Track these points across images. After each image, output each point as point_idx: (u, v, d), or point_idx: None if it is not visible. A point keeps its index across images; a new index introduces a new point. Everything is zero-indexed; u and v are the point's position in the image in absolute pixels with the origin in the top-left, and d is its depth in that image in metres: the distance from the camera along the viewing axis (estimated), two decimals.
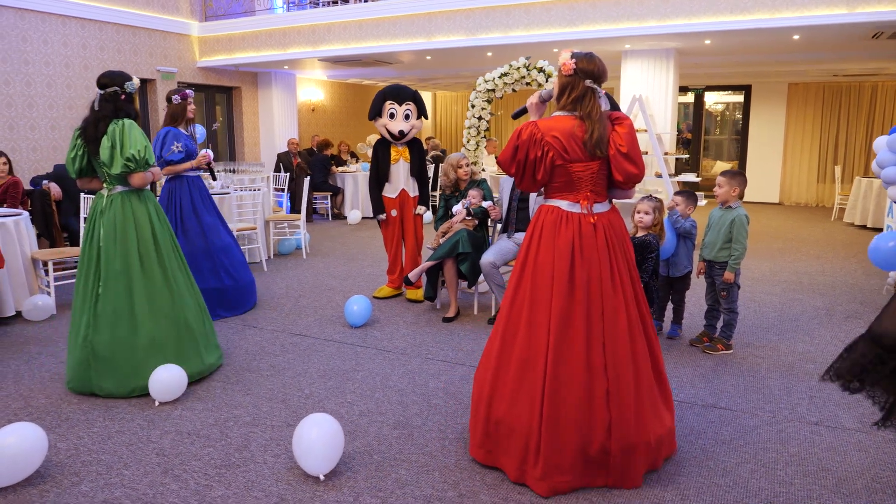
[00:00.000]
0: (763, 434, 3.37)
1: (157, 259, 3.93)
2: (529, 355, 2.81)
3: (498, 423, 2.87)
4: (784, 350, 4.69)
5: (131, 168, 3.79)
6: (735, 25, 7.70)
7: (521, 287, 2.90)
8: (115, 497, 2.77)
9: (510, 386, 2.85)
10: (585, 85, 2.78)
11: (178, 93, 5.32)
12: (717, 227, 4.56)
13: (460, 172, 5.63)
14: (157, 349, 3.86)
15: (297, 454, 2.90)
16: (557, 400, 2.73)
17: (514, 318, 2.89)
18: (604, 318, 2.78)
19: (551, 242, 2.82)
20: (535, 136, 2.79)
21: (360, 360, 4.45)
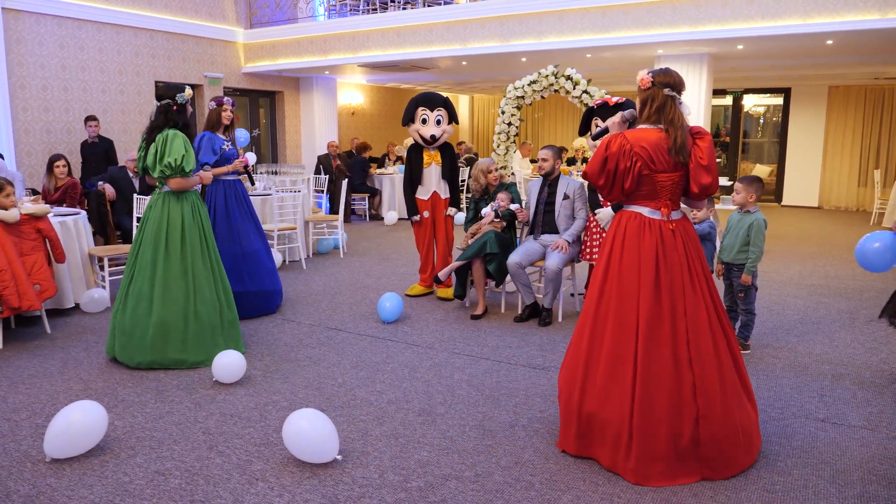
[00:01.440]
0: (769, 428, 3.53)
1: (180, 253, 4.39)
2: (619, 352, 2.99)
3: (591, 417, 3.06)
4: (801, 351, 4.81)
5: (167, 174, 4.32)
6: (768, 31, 7.78)
7: (606, 288, 3.09)
8: (166, 468, 3.09)
9: (601, 381, 3.03)
10: (665, 94, 2.98)
11: (215, 99, 5.66)
12: (736, 231, 4.71)
13: (490, 178, 5.87)
14: (165, 332, 4.33)
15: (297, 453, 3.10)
16: (649, 393, 2.92)
17: (602, 318, 3.08)
18: (686, 317, 2.98)
19: (636, 247, 3.02)
20: (624, 148, 2.97)
21: (390, 353, 4.72)
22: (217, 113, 5.63)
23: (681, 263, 3.02)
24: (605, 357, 3.03)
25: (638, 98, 3.10)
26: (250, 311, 5.58)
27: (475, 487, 2.93)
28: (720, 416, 2.96)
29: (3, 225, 4.78)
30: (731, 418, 2.99)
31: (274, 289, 5.74)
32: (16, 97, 8.63)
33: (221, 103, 5.63)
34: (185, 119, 4.45)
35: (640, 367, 2.94)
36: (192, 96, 4.53)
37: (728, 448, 2.98)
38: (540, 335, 5.15)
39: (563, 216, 5.48)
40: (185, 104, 4.44)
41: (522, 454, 3.23)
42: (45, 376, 4.26)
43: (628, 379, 2.96)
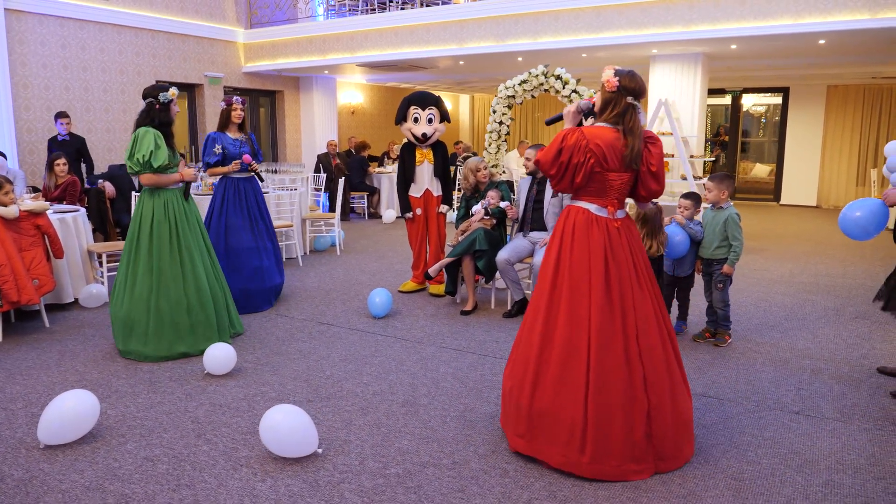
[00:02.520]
0: (743, 420, 3.63)
1: (147, 250, 4.52)
2: (572, 348, 3.00)
3: (541, 414, 3.05)
4: (784, 346, 4.90)
5: (135, 170, 4.46)
6: (760, 31, 7.85)
7: (557, 282, 3.11)
8: (154, 455, 3.20)
9: (553, 377, 3.03)
10: (627, 102, 3.04)
11: (225, 99, 5.80)
12: (712, 227, 4.81)
13: (479, 176, 5.97)
14: (130, 326, 4.50)
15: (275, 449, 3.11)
16: (603, 388, 2.94)
17: (553, 313, 3.09)
18: (635, 311, 3.05)
19: (585, 241, 3.07)
20: (580, 143, 3.01)
21: (379, 346, 4.83)
22: (227, 112, 5.77)
23: (626, 260, 3.07)
24: (558, 352, 3.03)
25: (600, 96, 3.14)
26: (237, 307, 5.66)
27: (451, 474, 3.03)
28: (669, 408, 3.04)
29: (3, 221, 4.91)
30: (678, 410, 3.09)
31: (260, 286, 5.75)
32: (18, 96, 8.77)
33: (231, 103, 5.76)
34: (166, 118, 4.54)
35: (594, 361, 2.96)
36: (175, 96, 4.55)
37: (678, 440, 3.07)
38: None
39: (552, 214, 5.57)
40: (167, 103, 4.52)
41: (500, 443, 3.32)
42: (43, 368, 4.38)
43: (581, 374, 2.97)
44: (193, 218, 4.76)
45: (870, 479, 3.01)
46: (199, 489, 2.90)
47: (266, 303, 5.82)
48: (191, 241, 4.67)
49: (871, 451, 3.28)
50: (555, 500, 2.82)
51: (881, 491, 2.91)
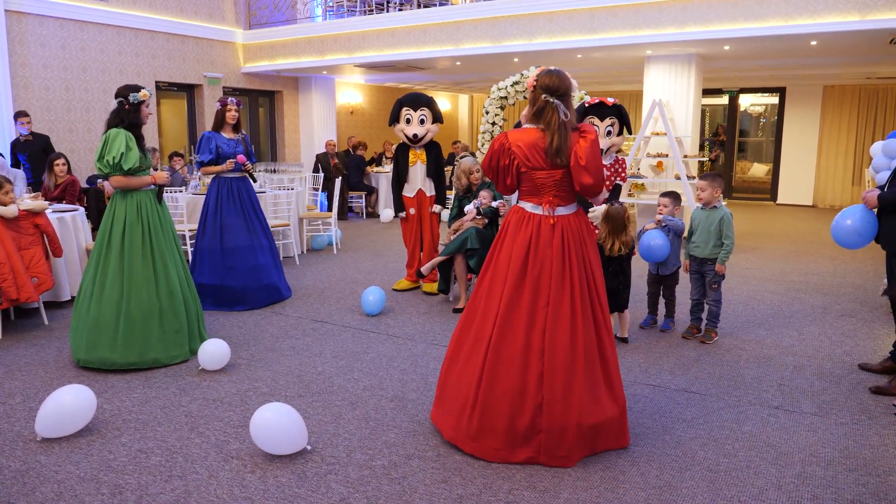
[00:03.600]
0: (723, 415, 3.72)
1: (118, 253, 4.39)
2: (480, 335, 3.21)
3: (446, 390, 3.36)
4: (769, 343, 4.99)
5: (105, 171, 4.41)
6: (752, 32, 7.93)
7: (484, 278, 3.31)
8: (148, 447, 3.30)
9: (462, 359, 3.29)
10: (543, 99, 3.11)
11: (220, 100, 5.89)
12: (706, 227, 4.89)
13: (472, 178, 6.07)
14: (99, 329, 4.33)
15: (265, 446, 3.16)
16: (494, 376, 3.13)
17: (474, 305, 3.32)
18: (548, 308, 3.11)
19: (513, 239, 3.21)
20: (504, 146, 3.17)
21: (370, 343, 4.93)
22: (222, 113, 5.85)
23: (553, 256, 3.11)
24: (470, 339, 3.27)
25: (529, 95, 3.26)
26: (228, 304, 5.76)
27: (436, 465, 3.12)
28: (562, 407, 3.06)
29: (2, 220, 5.00)
30: (576, 411, 3.07)
31: (257, 285, 5.83)
32: (19, 97, 8.87)
33: (226, 104, 5.84)
34: (136, 119, 4.46)
35: (492, 349, 3.14)
36: (147, 97, 4.50)
37: (568, 438, 3.07)
38: None
39: None
40: (137, 104, 4.44)
41: None
42: (41, 364, 4.48)
43: (480, 358, 3.17)
44: (166, 221, 4.66)
45: (841, 471, 3.09)
46: (190, 480, 2.99)
47: (263, 300, 5.91)
48: (163, 244, 4.56)
49: (845, 444, 3.37)
50: (535, 491, 2.91)
51: (852, 482, 3.00)
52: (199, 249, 5.84)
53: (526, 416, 3.09)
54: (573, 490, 2.92)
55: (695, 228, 4.97)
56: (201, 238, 5.87)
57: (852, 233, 4.15)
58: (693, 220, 5.00)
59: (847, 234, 4.17)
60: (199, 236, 5.89)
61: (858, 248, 4.26)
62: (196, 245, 5.93)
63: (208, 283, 5.74)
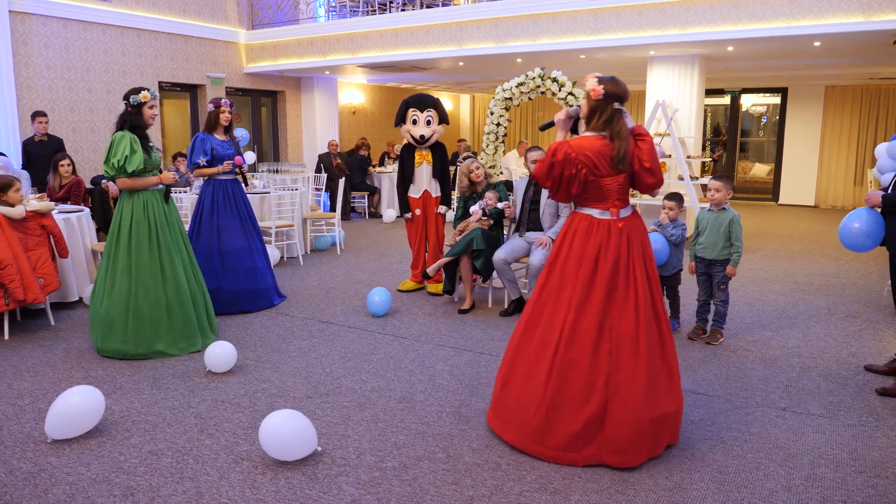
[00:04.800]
0: (731, 416, 3.73)
1: (126, 250, 4.60)
2: (546, 340, 3.23)
3: (508, 394, 3.34)
4: (775, 345, 4.99)
5: (110, 174, 4.55)
6: (756, 33, 7.93)
7: (549, 282, 3.30)
8: (158, 449, 3.30)
9: (526, 365, 3.29)
10: (613, 108, 3.18)
11: (213, 101, 5.86)
12: (715, 229, 4.89)
13: (472, 176, 6.07)
14: (109, 324, 4.57)
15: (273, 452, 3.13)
16: (564, 379, 3.14)
17: (539, 308, 3.31)
18: (616, 308, 3.17)
19: (582, 246, 3.22)
20: (569, 156, 3.15)
21: (377, 344, 4.93)
22: (215, 114, 5.81)
23: (620, 259, 3.18)
24: (535, 343, 3.27)
25: (586, 104, 3.25)
26: (227, 307, 5.70)
27: (446, 467, 3.13)
28: (628, 406, 3.09)
29: (10, 221, 5.01)
30: (641, 409, 3.09)
31: (254, 287, 5.80)
32: (22, 98, 8.87)
33: (219, 105, 5.80)
34: (138, 121, 4.57)
35: (561, 353, 3.15)
36: (148, 98, 4.56)
37: (629, 436, 3.08)
38: None
39: (548, 214, 5.67)
40: (138, 106, 4.55)
41: (493, 438, 3.42)
42: (49, 365, 4.49)
43: (547, 363, 3.18)
44: (173, 219, 4.81)
45: (851, 473, 3.10)
46: (202, 482, 3.00)
47: (262, 302, 5.89)
48: (170, 241, 4.73)
49: (853, 446, 3.38)
50: (546, 493, 2.92)
51: (861, 484, 3.01)
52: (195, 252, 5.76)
53: (591, 415, 3.12)
54: (584, 492, 2.93)
55: (702, 230, 4.97)
56: (195, 240, 5.76)
57: (860, 235, 4.16)
58: (700, 222, 5.00)
59: (855, 237, 4.18)
60: (193, 239, 5.77)
61: (867, 250, 4.27)
62: None
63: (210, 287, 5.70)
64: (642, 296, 3.21)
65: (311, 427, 3.17)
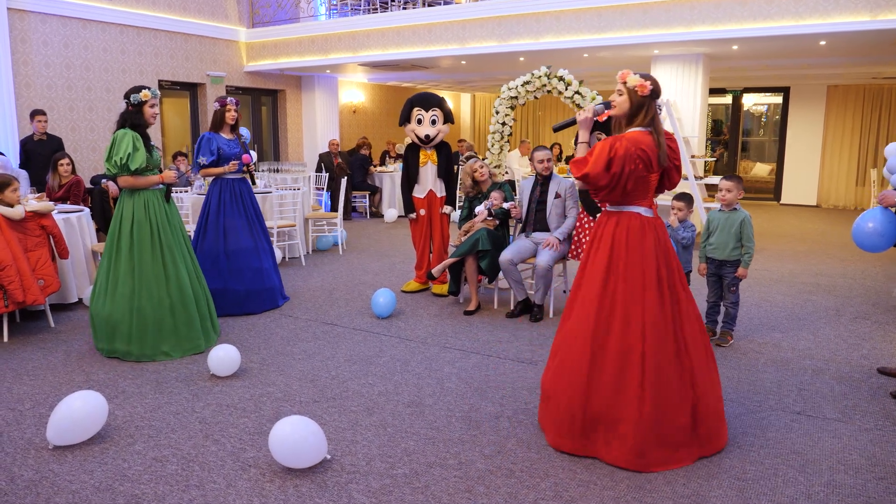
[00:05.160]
0: (745, 421, 3.66)
1: (128, 250, 4.54)
2: (627, 350, 3.11)
3: (598, 416, 3.15)
4: (785, 346, 4.93)
5: (113, 172, 4.50)
6: (761, 32, 7.87)
7: (608, 290, 3.18)
8: (163, 455, 3.23)
9: (610, 380, 3.12)
10: (656, 104, 3.19)
11: (219, 100, 5.79)
12: (726, 229, 4.82)
13: (476, 175, 6.00)
14: (112, 326, 4.52)
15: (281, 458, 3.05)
16: (658, 385, 3.08)
17: (605, 318, 3.17)
18: (680, 307, 3.20)
19: (640, 246, 3.16)
20: (630, 152, 3.06)
21: (383, 347, 4.86)
22: (221, 113, 5.75)
23: (669, 256, 3.24)
24: (613, 357, 3.13)
25: (628, 100, 3.17)
26: (233, 308, 5.63)
27: (458, 474, 3.06)
28: (711, 398, 3.22)
29: (9, 221, 4.93)
30: (718, 399, 3.29)
31: (261, 287, 5.73)
32: (21, 96, 8.79)
33: (225, 104, 5.74)
34: (139, 120, 4.52)
35: (648, 361, 3.09)
36: (149, 97, 4.51)
37: (718, 427, 3.27)
38: (530, 330, 5.28)
39: (555, 214, 5.60)
40: (138, 105, 4.50)
41: (505, 443, 3.36)
42: (49, 368, 4.41)
43: (636, 375, 3.09)
44: (174, 219, 4.77)
45: (871, 480, 3.04)
46: (208, 490, 2.93)
47: (268, 303, 5.81)
48: (172, 241, 4.68)
49: (871, 451, 3.31)
50: (561, 500, 2.85)
51: (882, 491, 2.95)
52: (201, 252, 5.70)
53: (686, 416, 3.13)
54: (600, 499, 2.86)
55: (712, 230, 4.91)
56: (202, 240, 5.71)
57: (874, 235, 4.10)
58: (710, 222, 4.93)
59: (869, 237, 4.12)
60: (199, 239, 5.73)
61: (882, 250, 4.21)
62: (196, 248, 5.74)
63: (211, 287, 5.61)
64: (688, 291, 3.32)
65: (322, 434, 3.09)
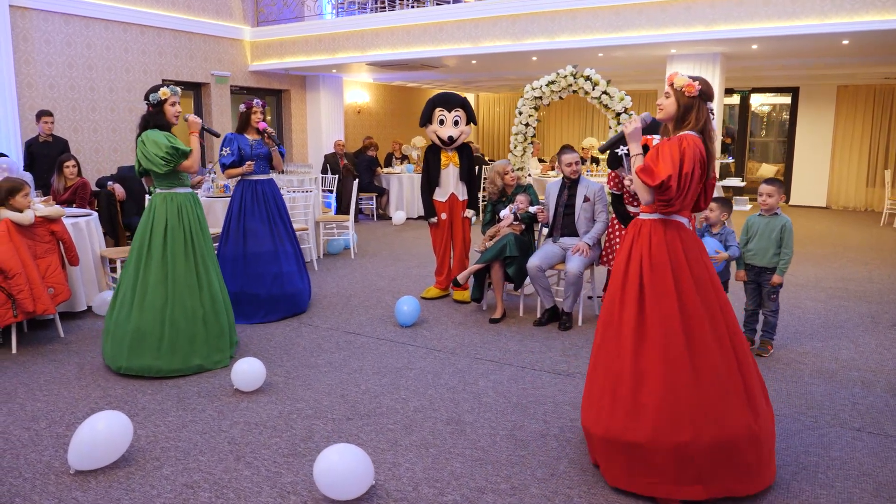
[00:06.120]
0: (805, 438, 3.47)
1: (161, 259, 4.28)
2: (704, 365, 2.81)
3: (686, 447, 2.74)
4: (827, 357, 4.74)
5: (175, 162, 4.25)
6: (784, 31, 7.70)
7: (648, 300, 2.87)
8: (194, 481, 3.01)
9: (692, 406, 2.77)
10: (707, 107, 2.92)
11: (246, 102, 5.62)
12: (766, 235, 4.64)
13: (507, 179, 5.79)
14: (140, 339, 4.21)
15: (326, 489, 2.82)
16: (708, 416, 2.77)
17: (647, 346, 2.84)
18: (727, 325, 2.92)
19: (684, 257, 2.89)
20: (700, 154, 2.85)
21: (411, 358, 4.65)
22: (246, 115, 5.61)
23: (709, 268, 2.97)
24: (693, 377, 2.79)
25: (675, 102, 2.94)
26: (248, 314, 5.44)
27: (513, 501, 2.85)
28: (765, 422, 2.91)
29: (18, 227, 4.71)
30: (768, 422, 2.95)
31: (280, 293, 5.53)
32: (23, 96, 8.54)
33: (251, 106, 5.60)
34: (161, 120, 4.32)
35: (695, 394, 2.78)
36: (168, 95, 4.31)
37: (770, 453, 2.94)
38: (562, 340, 5.08)
39: (584, 219, 5.41)
40: (160, 104, 4.30)
41: (557, 465, 3.15)
42: (63, 382, 4.19)
43: (686, 405, 2.75)
44: (204, 223, 4.55)
45: None
46: None
47: (290, 309, 5.61)
48: (204, 248, 4.47)
49: None
50: None
51: None
52: (222, 255, 5.53)
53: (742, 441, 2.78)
54: None
55: (751, 235, 4.72)
56: (224, 244, 5.57)
57: None
58: (750, 227, 4.75)
59: None
60: (223, 242, 5.58)
61: None
62: (219, 251, 5.59)
63: (229, 291, 5.41)
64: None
65: (370, 462, 2.86)
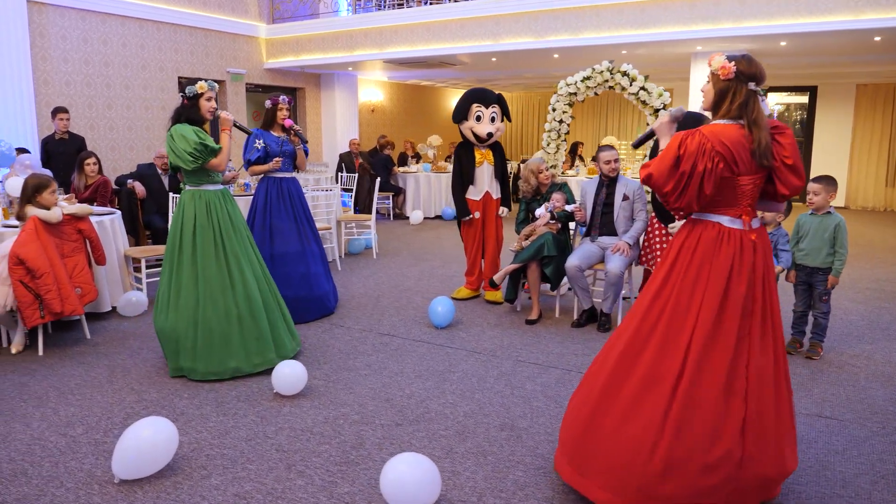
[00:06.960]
0: (876, 445, 3.32)
1: (191, 258, 4.15)
2: (657, 375, 2.57)
3: (595, 442, 2.65)
4: (880, 360, 4.59)
5: (203, 159, 4.10)
6: (814, 27, 7.56)
7: (655, 305, 2.67)
8: (245, 491, 2.86)
9: (624, 405, 2.60)
10: (748, 89, 2.59)
11: (272, 98, 5.48)
12: (819, 234, 4.49)
13: (541, 177, 5.64)
14: (175, 341, 4.13)
15: None
16: (685, 424, 2.50)
17: (643, 335, 2.66)
18: (750, 343, 2.58)
19: (709, 261, 2.61)
20: (703, 146, 2.54)
21: (452, 361, 4.50)
22: (272, 112, 5.47)
23: (753, 281, 2.60)
24: (638, 377, 2.60)
25: (712, 88, 2.69)
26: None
27: None
28: (772, 458, 2.56)
29: (45, 225, 4.57)
30: (782, 463, 2.60)
31: (308, 295, 5.38)
32: (39, 93, 8.41)
33: (277, 102, 5.46)
34: (195, 115, 4.18)
35: (683, 391, 2.52)
36: (205, 90, 4.18)
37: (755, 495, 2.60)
38: (603, 341, 4.93)
39: (623, 217, 5.26)
40: (196, 97, 4.16)
41: None
42: (95, 386, 4.04)
43: (663, 403, 2.53)
44: (238, 221, 4.36)
45: None
46: None
47: (318, 311, 5.46)
48: (237, 246, 4.28)
49: None
50: None
51: None
52: None
53: (720, 469, 2.48)
54: None
55: (802, 235, 4.58)
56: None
57: None
58: (801, 226, 4.60)
59: None
60: None
61: None
62: None
63: None
64: (780, 328, 2.68)
65: (437, 472, 2.71)
